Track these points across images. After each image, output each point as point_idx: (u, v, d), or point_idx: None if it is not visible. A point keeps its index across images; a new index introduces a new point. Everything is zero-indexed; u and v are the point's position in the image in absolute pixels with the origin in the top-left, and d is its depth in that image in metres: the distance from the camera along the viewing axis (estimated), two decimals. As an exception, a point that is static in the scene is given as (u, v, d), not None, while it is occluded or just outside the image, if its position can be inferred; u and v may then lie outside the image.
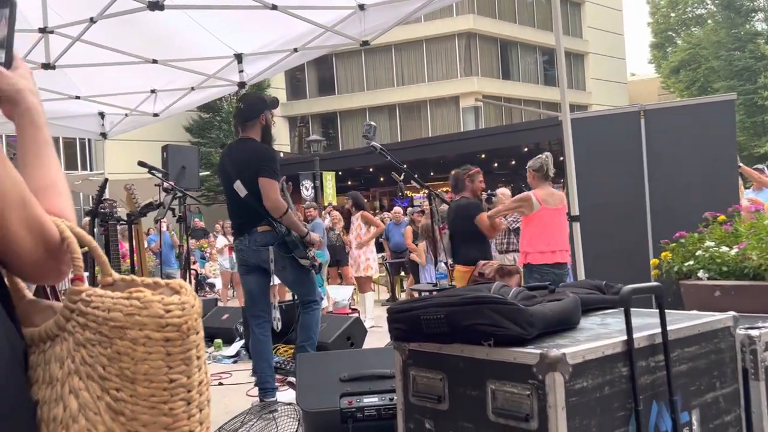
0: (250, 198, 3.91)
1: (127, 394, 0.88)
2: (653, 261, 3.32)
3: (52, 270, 0.93)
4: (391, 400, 2.79)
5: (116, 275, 0.95)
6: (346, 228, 8.66)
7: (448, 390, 1.93)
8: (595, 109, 5.49)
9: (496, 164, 21.32)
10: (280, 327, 4.04)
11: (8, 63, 0.97)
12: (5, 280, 0.93)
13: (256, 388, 4.16)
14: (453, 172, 5.71)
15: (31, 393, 0.88)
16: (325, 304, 7.80)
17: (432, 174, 23.23)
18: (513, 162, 20.92)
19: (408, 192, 21.07)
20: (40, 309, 0.97)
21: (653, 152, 3.93)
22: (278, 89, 29.22)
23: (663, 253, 3.25)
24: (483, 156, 20.90)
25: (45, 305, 0.98)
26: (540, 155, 4.77)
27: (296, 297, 4.21)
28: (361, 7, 4.80)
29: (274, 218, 3.94)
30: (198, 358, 0.94)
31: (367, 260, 8.36)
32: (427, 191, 4.39)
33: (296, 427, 2.25)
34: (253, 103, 4.25)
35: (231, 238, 10.77)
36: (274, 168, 3.98)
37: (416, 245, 9.12)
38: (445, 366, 1.94)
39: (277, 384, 4.21)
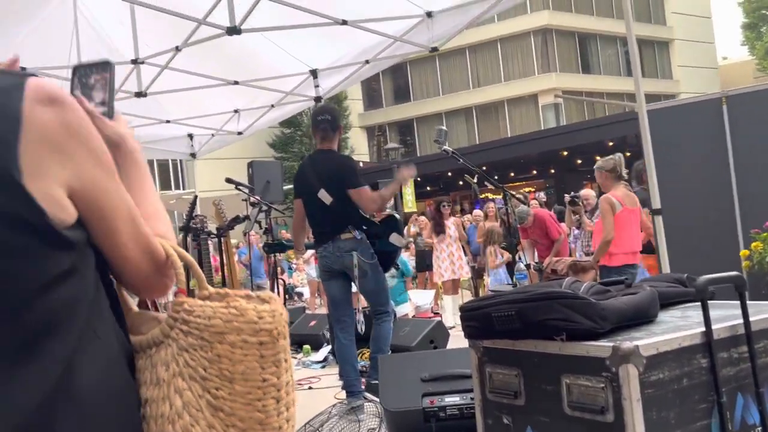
0: (336, 204, 4.07)
1: (225, 392, 1.00)
2: (743, 252, 3.18)
3: (158, 284, 1.07)
4: (473, 399, 2.82)
5: (212, 289, 1.07)
6: (438, 231, 8.74)
7: (524, 385, 1.96)
8: (684, 98, 5.26)
9: (579, 161, 20.73)
10: (363, 330, 4.16)
11: (110, 114, 1.13)
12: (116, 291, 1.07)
13: (344, 391, 4.29)
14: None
15: (139, 393, 1.01)
16: (408, 309, 7.89)
17: (512, 174, 22.91)
18: (598, 158, 20.27)
19: (488, 194, 20.87)
20: (145, 320, 1.11)
21: (739, 139, 3.76)
22: (355, 100, 29.76)
23: (753, 244, 3.12)
24: (565, 153, 20.40)
25: (150, 316, 1.12)
26: (612, 156, 4.71)
27: (370, 306, 4.30)
28: (429, 14, 4.89)
29: (355, 225, 4.08)
30: (285, 361, 1.05)
31: (460, 259, 8.67)
32: (502, 192, 4.39)
33: (378, 424, 2.34)
34: (336, 115, 4.46)
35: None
36: (358, 177, 4.24)
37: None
38: (520, 362, 1.97)
39: (363, 388, 4.32)
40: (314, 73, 5.90)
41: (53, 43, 5.31)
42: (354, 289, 4.25)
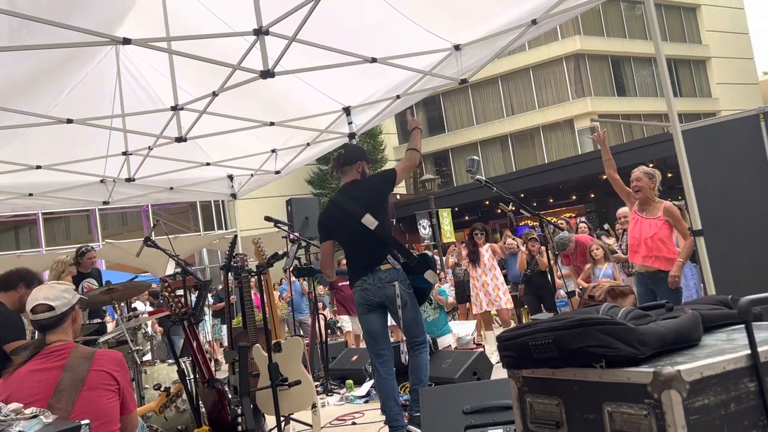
0: (380, 229, 4.08)
1: None
2: (791, 271, 3.08)
3: None
4: (516, 430, 2.78)
5: None
6: (474, 261, 8.08)
7: (566, 415, 1.92)
8: (720, 116, 5.17)
9: (619, 184, 20.34)
10: (407, 360, 4.16)
11: None
12: None
13: (387, 426, 4.25)
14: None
15: None
16: (451, 340, 7.80)
17: (552, 200, 22.65)
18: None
19: (528, 221, 20.64)
20: None
21: (780, 155, 3.68)
22: (390, 134, 30.04)
23: (802, 262, 3.02)
24: (604, 177, 20.10)
25: None
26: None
27: (406, 337, 4.26)
28: (457, 47, 4.96)
29: (394, 255, 4.12)
30: None
31: (496, 289, 7.88)
32: (539, 219, 4.36)
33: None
34: (352, 150, 4.47)
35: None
36: (392, 173, 4.34)
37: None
38: (560, 391, 1.94)
39: (406, 422, 4.28)
40: (347, 110, 6.02)
41: (98, 93, 5.58)
42: (390, 321, 4.26)
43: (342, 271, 5.16)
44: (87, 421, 2.02)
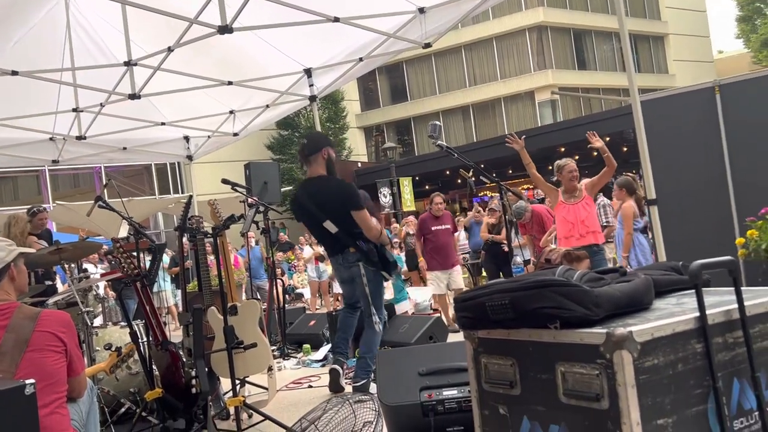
0: (341, 233, 4.29)
1: None
2: (739, 240, 3.18)
3: None
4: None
5: None
6: None
7: (519, 375, 1.95)
8: (682, 87, 5.26)
9: (577, 156, 20.68)
10: (381, 329, 4.46)
11: None
12: None
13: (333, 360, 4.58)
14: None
15: None
16: (408, 306, 7.87)
17: (510, 171, 22.87)
18: (595, 154, 20.25)
19: (488, 192, 20.86)
20: None
21: (732, 127, 3.76)
22: (352, 101, 29.73)
23: (749, 231, 3.11)
24: (563, 149, 20.40)
25: None
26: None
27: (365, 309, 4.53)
28: (421, 10, 4.89)
29: (359, 241, 4.31)
30: None
31: None
32: (498, 186, 4.36)
33: (375, 418, 2.34)
34: (315, 139, 4.53)
35: (316, 248, 11.10)
36: (360, 200, 4.35)
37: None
38: (515, 351, 1.96)
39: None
40: (308, 72, 5.90)
41: (47, 46, 5.31)
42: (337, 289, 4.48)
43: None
44: (32, 381, 1.95)
